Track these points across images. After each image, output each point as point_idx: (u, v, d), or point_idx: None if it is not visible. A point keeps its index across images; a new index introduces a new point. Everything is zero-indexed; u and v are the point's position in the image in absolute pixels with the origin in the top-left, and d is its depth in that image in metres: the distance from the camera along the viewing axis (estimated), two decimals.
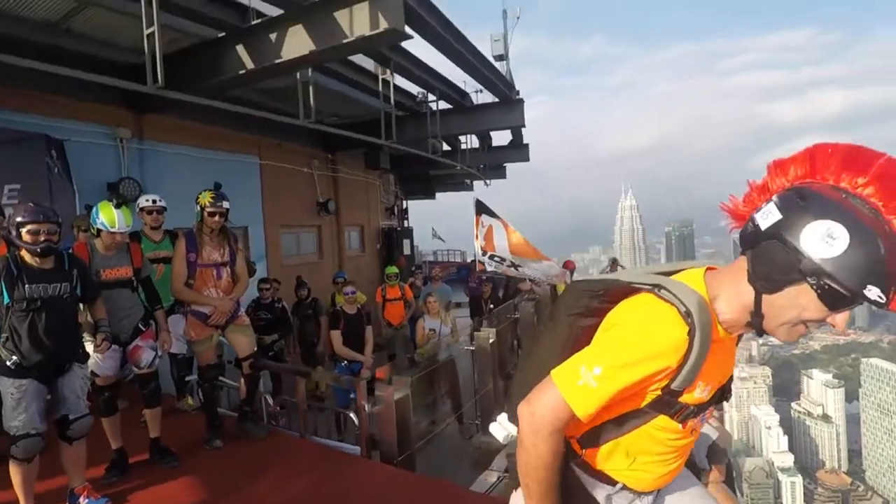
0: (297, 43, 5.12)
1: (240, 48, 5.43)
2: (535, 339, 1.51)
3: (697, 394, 1.21)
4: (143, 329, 3.75)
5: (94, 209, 3.54)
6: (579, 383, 1.11)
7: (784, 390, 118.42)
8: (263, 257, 8.47)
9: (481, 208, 6.93)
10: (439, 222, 19.22)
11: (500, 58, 9.72)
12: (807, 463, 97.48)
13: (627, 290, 1.21)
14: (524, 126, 10.00)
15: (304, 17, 5.07)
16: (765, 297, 1.08)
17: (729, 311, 1.13)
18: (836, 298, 1.00)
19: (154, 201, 4.52)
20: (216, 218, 3.80)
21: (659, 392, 1.21)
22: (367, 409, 3.74)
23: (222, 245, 3.94)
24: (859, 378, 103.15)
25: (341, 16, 4.89)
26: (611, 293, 1.24)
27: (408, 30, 4.96)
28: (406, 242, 14.12)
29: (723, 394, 1.34)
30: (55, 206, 5.34)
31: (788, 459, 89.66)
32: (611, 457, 1.38)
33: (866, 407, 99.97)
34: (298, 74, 5.71)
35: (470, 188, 17.43)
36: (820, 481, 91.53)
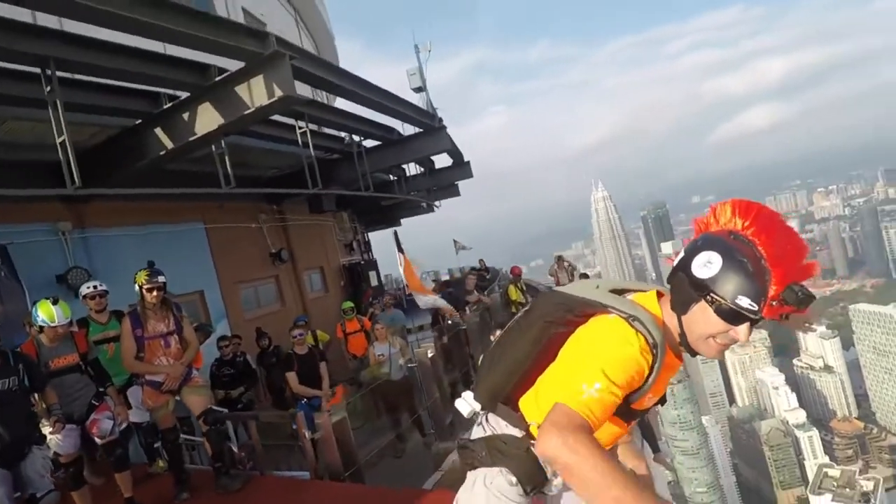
0: (207, 119, 5.63)
1: (157, 131, 5.92)
2: (506, 331, 1.73)
3: (646, 404, 1.53)
4: (97, 404, 4.15)
5: (34, 308, 3.98)
6: (584, 397, 1.26)
7: (783, 350, 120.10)
8: (224, 316, 8.83)
9: (398, 243, 7.47)
10: (415, 243, 19.61)
11: (418, 90, 10.39)
12: (819, 415, 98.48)
13: (601, 310, 1.43)
14: (450, 149, 10.61)
15: (209, 95, 5.60)
16: (683, 319, 1.37)
17: (672, 336, 1.41)
18: (725, 312, 1.28)
19: (95, 287, 4.92)
20: (154, 293, 4.23)
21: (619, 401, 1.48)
22: (308, 436, 4.16)
23: (166, 316, 4.36)
24: (850, 325, 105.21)
25: (241, 90, 5.42)
26: (585, 312, 1.46)
27: (310, 91, 5.53)
28: (372, 274, 14.58)
29: (661, 401, 1.63)
30: (6, 307, 5.74)
31: (801, 415, 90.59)
32: None
33: (863, 352, 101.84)
34: (214, 147, 6.21)
35: (431, 210, 17.86)
36: (835, 431, 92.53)
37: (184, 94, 5.78)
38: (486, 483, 1.72)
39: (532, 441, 1.62)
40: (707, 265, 1.31)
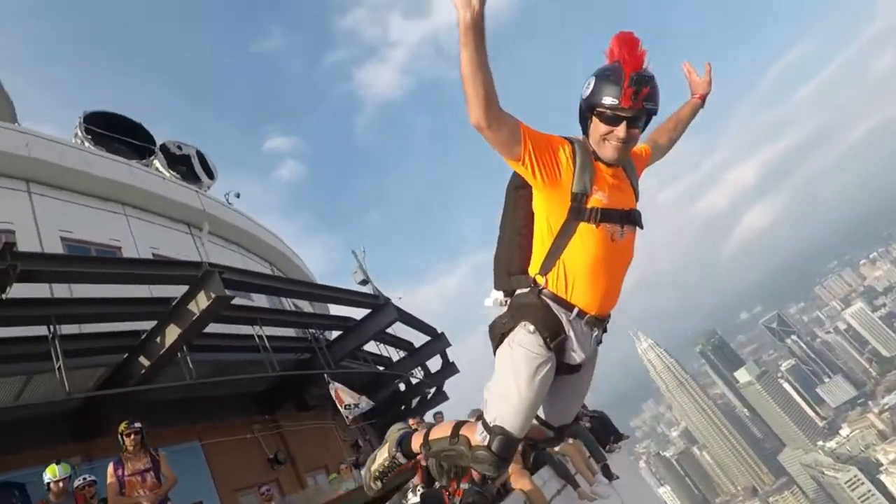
0: (172, 335, 7.63)
1: (141, 358, 7.87)
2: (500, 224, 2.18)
3: (598, 197, 1.93)
4: None
5: (42, 474, 5.33)
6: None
7: None
8: None
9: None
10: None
11: (364, 283, 12.73)
12: None
13: None
14: (397, 321, 12.27)
15: (173, 318, 7.70)
16: (589, 135, 1.95)
17: (592, 145, 1.98)
18: (604, 116, 1.84)
19: (84, 478, 6.18)
20: (131, 437, 5.58)
21: (569, 201, 1.92)
22: None
23: (144, 456, 5.62)
24: None
25: (192, 305, 7.54)
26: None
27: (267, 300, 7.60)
28: None
29: (631, 217, 2.03)
30: None
31: None
32: (559, 278, 1.98)
33: None
34: (180, 353, 8.07)
35: (444, 396, 18.10)
36: None
37: (152, 323, 7.90)
38: (510, 343, 2.05)
39: (542, 287, 2.03)
40: (587, 87, 1.89)
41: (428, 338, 15.26)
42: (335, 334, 11.93)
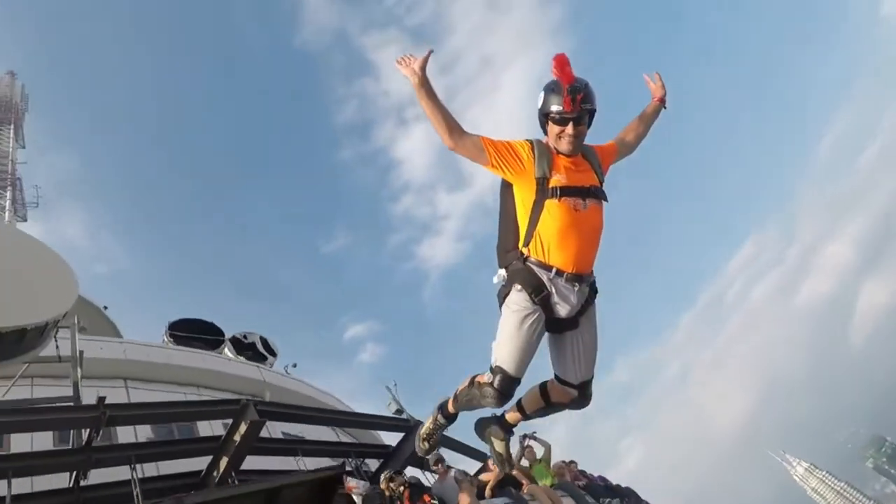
0: (224, 467, 9.22)
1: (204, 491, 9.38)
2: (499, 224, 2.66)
3: (557, 178, 2.45)
4: None
5: None
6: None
7: None
8: None
9: None
10: None
11: (399, 412, 13.96)
12: None
13: None
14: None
15: (223, 450, 9.36)
16: (547, 133, 2.50)
17: (551, 142, 2.55)
18: (555, 119, 2.41)
19: None
20: None
21: (535, 185, 2.44)
22: None
23: None
24: None
25: (236, 434, 9.26)
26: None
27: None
28: None
29: (592, 192, 2.52)
30: None
31: None
32: (538, 246, 2.47)
33: None
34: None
35: None
36: None
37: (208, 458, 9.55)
38: (506, 303, 2.55)
39: (526, 255, 2.50)
40: (539, 100, 2.48)
41: (479, 463, 15.52)
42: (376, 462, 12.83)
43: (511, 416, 2.95)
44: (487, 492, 6.70)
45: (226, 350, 18.27)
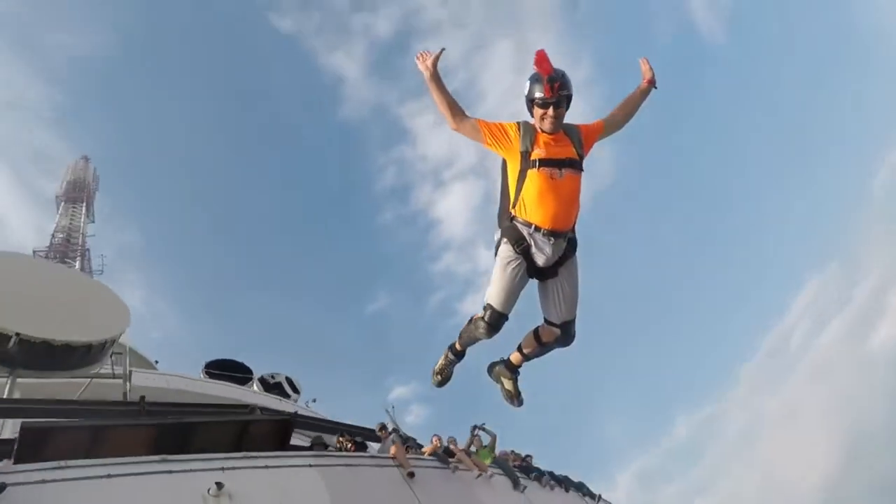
0: None
1: None
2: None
3: (538, 152, 2.86)
4: None
5: None
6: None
7: None
8: None
9: None
10: None
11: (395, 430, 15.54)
12: None
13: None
14: None
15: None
16: (533, 115, 2.93)
17: (536, 123, 2.92)
18: (538, 103, 2.86)
19: None
20: None
21: (520, 157, 2.87)
22: None
23: None
24: None
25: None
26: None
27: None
28: None
29: (567, 163, 2.91)
30: None
31: None
32: (522, 208, 2.93)
33: None
34: None
35: None
36: None
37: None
38: (497, 255, 3.05)
39: (513, 216, 2.97)
40: (525, 88, 2.90)
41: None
42: None
43: (514, 358, 3.43)
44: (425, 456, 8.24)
45: (254, 387, 20.48)
